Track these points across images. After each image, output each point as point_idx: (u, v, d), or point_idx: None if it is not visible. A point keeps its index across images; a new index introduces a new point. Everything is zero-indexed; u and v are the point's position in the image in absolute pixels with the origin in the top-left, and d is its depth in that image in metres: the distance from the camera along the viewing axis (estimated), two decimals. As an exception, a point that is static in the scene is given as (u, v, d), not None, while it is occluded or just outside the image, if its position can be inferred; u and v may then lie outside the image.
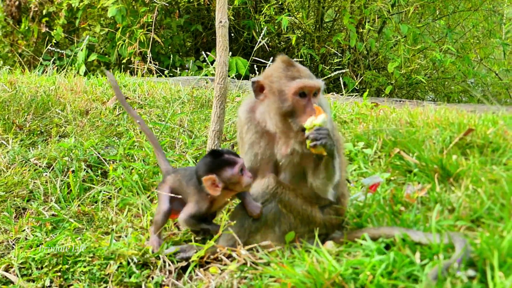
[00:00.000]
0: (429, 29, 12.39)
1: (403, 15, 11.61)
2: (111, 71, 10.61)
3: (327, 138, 3.07)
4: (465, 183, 3.78)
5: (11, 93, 6.21)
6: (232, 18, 11.05)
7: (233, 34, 11.74)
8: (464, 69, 11.38)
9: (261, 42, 7.06)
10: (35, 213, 4.11)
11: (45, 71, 8.94)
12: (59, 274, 3.29)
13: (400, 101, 8.40)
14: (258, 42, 7.01)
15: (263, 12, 10.81)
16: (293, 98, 3.18)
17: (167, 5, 11.21)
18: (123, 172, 4.33)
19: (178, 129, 5.36)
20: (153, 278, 3.20)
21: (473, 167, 3.98)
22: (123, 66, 11.01)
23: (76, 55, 11.01)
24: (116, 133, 5.41)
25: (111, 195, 4.25)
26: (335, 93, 9.09)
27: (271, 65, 3.44)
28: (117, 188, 4.28)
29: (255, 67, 8.04)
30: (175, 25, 11.65)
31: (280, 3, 11.28)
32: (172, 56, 10.90)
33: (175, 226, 3.71)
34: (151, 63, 9.19)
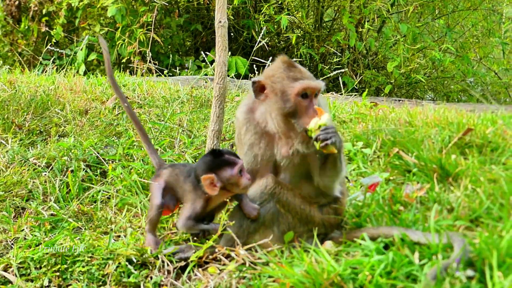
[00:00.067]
0: (428, 28, 12.39)
1: (402, 14, 11.61)
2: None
3: (335, 135, 3.08)
4: (464, 182, 3.78)
5: (10, 92, 6.20)
6: (232, 18, 11.05)
7: (232, 34, 11.73)
8: (463, 68, 11.40)
9: (260, 42, 7.06)
10: (34, 212, 4.10)
11: (44, 70, 8.93)
12: (57, 274, 3.28)
13: (399, 100, 8.40)
14: (257, 42, 7.01)
15: (262, 12, 10.81)
16: (295, 99, 3.18)
17: (167, 4, 11.21)
18: (122, 172, 4.33)
19: (178, 128, 5.35)
20: (151, 278, 3.20)
21: (472, 166, 3.98)
22: (122, 66, 11.01)
23: (75, 54, 11.01)
24: (115, 132, 5.40)
25: (110, 195, 4.24)
26: (334, 92, 9.09)
27: (271, 65, 3.43)
28: (116, 188, 4.28)
29: (255, 66, 8.03)
30: (174, 24, 11.65)
31: (279, 3, 11.28)
32: (171, 56, 10.90)
33: (174, 226, 3.71)
34: (150, 62, 9.18)
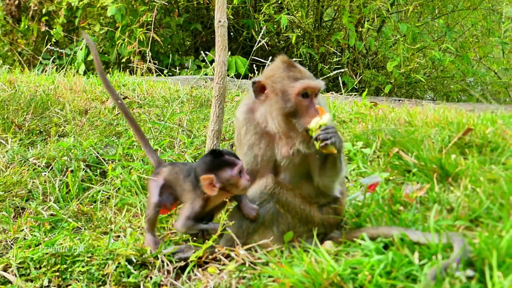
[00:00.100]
0: (428, 28, 12.38)
1: (402, 14, 11.61)
2: (110, 71, 10.61)
3: (335, 135, 3.08)
4: (464, 182, 3.78)
5: (10, 92, 6.20)
6: (232, 17, 11.05)
7: (232, 33, 11.73)
8: (463, 68, 11.40)
9: (260, 42, 7.05)
10: (33, 212, 4.10)
11: (44, 70, 8.94)
12: (57, 274, 3.28)
13: (399, 100, 8.39)
14: (257, 41, 7.00)
15: (262, 11, 10.81)
16: (296, 98, 3.18)
17: (167, 4, 11.21)
18: (122, 172, 4.33)
19: (177, 128, 5.35)
20: (151, 278, 3.20)
21: (472, 166, 3.98)
22: (122, 65, 11.01)
23: (75, 54, 11.01)
24: (115, 132, 5.40)
25: (110, 195, 4.24)
26: (334, 92, 9.09)
27: (270, 65, 3.43)
28: (116, 188, 4.28)
29: (254, 66, 8.03)
30: (174, 24, 11.65)
31: (279, 2, 11.27)
32: (171, 55, 10.90)
33: (173, 226, 3.71)
34: (150, 62, 9.17)
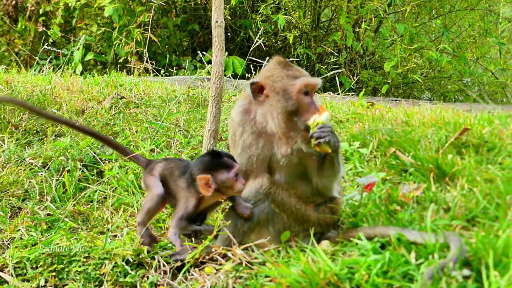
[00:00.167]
0: (425, 28, 12.39)
1: (399, 14, 11.61)
2: (107, 71, 10.59)
3: (330, 135, 3.08)
4: (461, 182, 3.78)
5: (7, 92, 6.20)
6: (229, 18, 11.05)
7: (229, 34, 11.72)
8: (460, 68, 11.41)
9: (257, 42, 7.05)
10: (30, 212, 4.10)
11: (41, 70, 8.92)
12: (54, 273, 3.28)
13: (396, 100, 8.40)
14: (254, 42, 7.00)
15: (259, 12, 10.80)
16: (297, 96, 3.19)
17: (164, 4, 11.20)
18: (118, 172, 4.33)
19: (174, 128, 5.35)
20: (148, 278, 3.20)
21: (468, 166, 3.98)
22: (119, 66, 11.01)
23: (72, 54, 11.00)
24: (112, 132, 5.40)
25: (106, 195, 4.24)
26: (331, 92, 9.08)
27: (266, 66, 3.43)
28: (112, 188, 4.27)
29: (252, 66, 8.03)
30: (171, 24, 11.65)
31: (276, 3, 11.27)
32: (168, 56, 10.89)
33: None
34: (147, 62, 9.17)
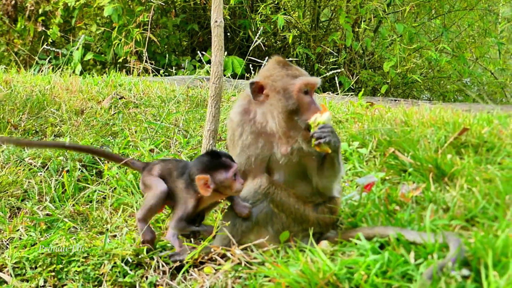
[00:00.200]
0: (424, 28, 12.39)
1: (399, 14, 11.61)
2: (107, 71, 10.60)
3: (331, 135, 3.08)
4: (460, 182, 3.78)
5: (6, 92, 6.19)
6: (228, 18, 11.05)
7: (229, 34, 11.72)
8: (459, 68, 11.40)
9: (257, 42, 7.06)
10: (29, 212, 4.10)
11: (40, 70, 8.92)
12: (53, 274, 3.28)
13: (395, 100, 8.39)
14: (254, 42, 7.01)
15: (259, 12, 10.80)
16: (298, 95, 3.19)
17: (163, 4, 11.20)
18: (118, 172, 4.33)
19: (173, 128, 5.34)
20: (147, 278, 3.20)
21: (467, 166, 3.98)
22: (119, 66, 11.00)
23: (72, 54, 10.99)
24: (111, 132, 5.39)
25: (105, 195, 4.24)
26: (330, 92, 9.08)
27: (265, 66, 3.43)
28: (111, 188, 4.27)
29: (251, 66, 8.03)
30: (171, 24, 11.64)
31: (276, 3, 11.27)
32: (168, 56, 10.89)
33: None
34: (147, 62, 9.16)
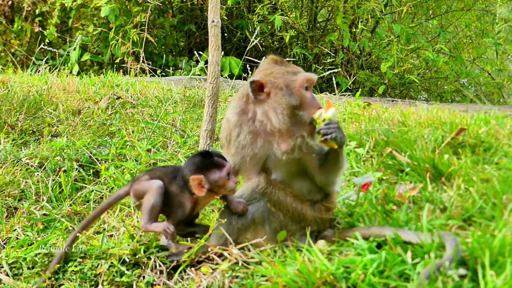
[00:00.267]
0: (422, 29, 12.42)
1: (396, 15, 11.63)
2: (104, 71, 10.60)
3: (337, 131, 3.10)
4: (457, 182, 3.79)
5: (3, 92, 6.19)
6: (225, 18, 11.05)
7: (226, 34, 11.74)
8: (457, 68, 11.43)
9: (254, 42, 7.06)
10: (26, 212, 4.09)
11: (37, 70, 8.92)
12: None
13: (392, 100, 8.41)
14: (251, 42, 7.01)
15: (256, 12, 10.81)
16: (299, 91, 3.21)
17: (160, 4, 11.20)
18: (115, 172, 4.32)
19: (171, 128, 5.34)
20: (144, 277, 3.19)
21: (465, 166, 3.98)
22: (116, 66, 10.99)
23: (69, 54, 10.99)
24: (108, 132, 5.39)
25: (103, 195, 4.23)
26: (328, 92, 9.10)
27: (262, 65, 3.41)
28: (109, 188, 4.27)
29: (248, 66, 8.04)
30: (168, 25, 11.64)
31: (273, 3, 11.28)
32: (165, 56, 10.89)
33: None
34: (144, 62, 9.17)
